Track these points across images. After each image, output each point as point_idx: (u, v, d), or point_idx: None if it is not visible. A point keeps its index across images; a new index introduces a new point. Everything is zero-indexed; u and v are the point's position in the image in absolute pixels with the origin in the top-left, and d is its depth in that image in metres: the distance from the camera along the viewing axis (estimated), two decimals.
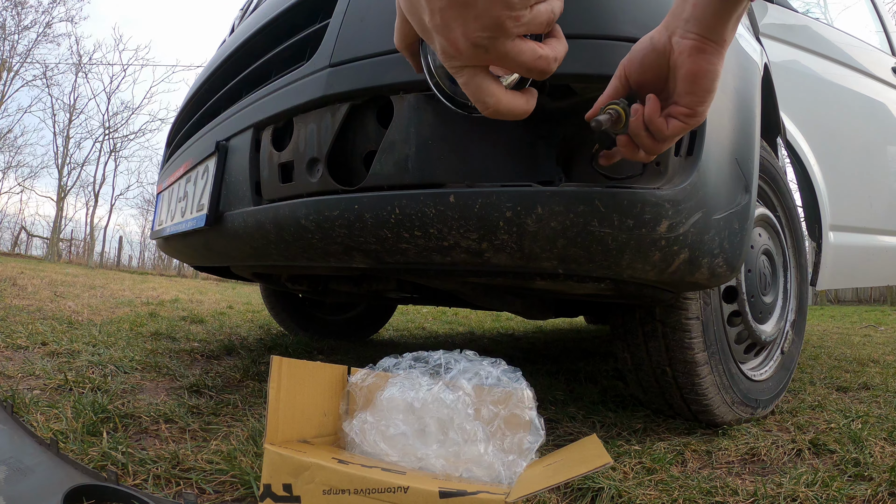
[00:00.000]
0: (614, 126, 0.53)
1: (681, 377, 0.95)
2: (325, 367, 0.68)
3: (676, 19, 0.51)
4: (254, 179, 0.90)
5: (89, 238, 17.59)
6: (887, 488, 0.72)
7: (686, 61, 0.50)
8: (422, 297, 1.40)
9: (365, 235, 0.73)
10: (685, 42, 0.50)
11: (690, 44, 0.49)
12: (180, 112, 1.44)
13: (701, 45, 0.49)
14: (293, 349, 1.76)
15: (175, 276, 12.33)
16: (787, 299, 1.27)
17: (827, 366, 1.90)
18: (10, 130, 16.85)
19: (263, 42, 1.01)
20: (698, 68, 0.50)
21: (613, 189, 0.64)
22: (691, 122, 0.52)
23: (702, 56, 0.50)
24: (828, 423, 1.05)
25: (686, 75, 0.50)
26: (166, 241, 1.33)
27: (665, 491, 0.70)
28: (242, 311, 3.20)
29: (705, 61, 0.50)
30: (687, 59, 0.50)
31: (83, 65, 17.25)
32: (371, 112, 0.75)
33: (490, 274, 0.84)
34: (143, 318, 2.33)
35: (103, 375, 1.20)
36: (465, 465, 0.59)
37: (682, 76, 0.51)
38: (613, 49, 0.65)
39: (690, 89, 0.51)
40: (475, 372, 0.69)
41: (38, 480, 0.60)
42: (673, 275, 0.71)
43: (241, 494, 0.66)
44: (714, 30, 0.49)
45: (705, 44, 0.49)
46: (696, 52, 0.49)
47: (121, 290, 4.21)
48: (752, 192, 0.79)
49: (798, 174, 1.56)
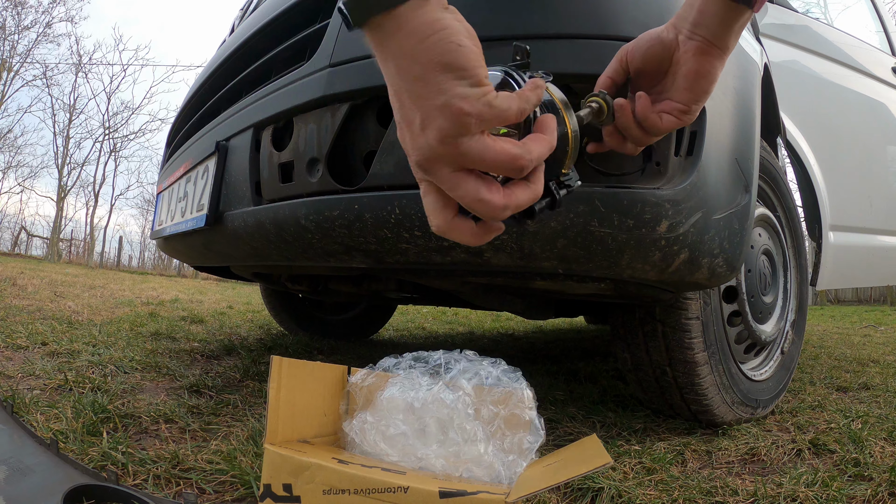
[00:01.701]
0: (597, 117, 0.54)
1: (681, 377, 0.95)
2: (325, 367, 0.68)
3: (683, 21, 0.53)
4: (254, 179, 0.90)
5: (89, 238, 17.61)
6: (887, 488, 0.72)
7: (690, 60, 0.52)
8: (422, 297, 1.40)
9: (365, 235, 0.73)
10: (691, 42, 0.52)
11: (696, 45, 0.52)
12: (180, 112, 1.44)
13: (706, 47, 0.52)
14: (293, 349, 1.76)
15: (175, 276, 12.33)
16: (787, 299, 1.27)
17: (827, 366, 1.90)
18: (10, 130, 16.89)
19: (263, 42, 1.00)
20: (700, 68, 0.52)
21: (613, 189, 0.64)
22: (685, 118, 0.54)
23: (705, 58, 0.52)
24: (828, 423, 1.05)
25: (688, 73, 0.52)
26: (166, 241, 1.33)
27: (665, 491, 0.70)
28: (242, 311, 3.20)
29: (708, 63, 0.52)
30: (691, 58, 0.52)
31: (83, 65, 17.28)
32: (371, 112, 0.75)
33: (490, 274, 0.84)
34: (143, 318, 2.33)
35: (103, 375, 1.20)
36: (465, 465, 0.59)
37: (683, 73, 0.53)
38: (614, 49, 0.64)
39: (690, 87, 0.53)
40: (475, 372, 0.69)
41: (38, 480, 0.60)
42: (673, 275, 0.71)
43: (241, 494, 0.66)
44: (719, 36, 0.51)
45: (710, 47, 0.52)
46: (701, 53, 0.52)
47: (121, 290, 4.21)
48: (752, 192, 0.79)
49: (798, 174, 1.56)
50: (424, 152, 0.40)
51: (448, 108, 0.39)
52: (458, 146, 0.39)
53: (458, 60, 0.39)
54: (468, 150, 0.39)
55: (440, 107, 0.39)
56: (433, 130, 0.39)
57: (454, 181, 0.41)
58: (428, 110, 0.39)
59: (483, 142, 0.39)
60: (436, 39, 0.38)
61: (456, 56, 0.39)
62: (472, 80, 0.39)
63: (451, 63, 0.39)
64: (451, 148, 0.39)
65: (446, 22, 0.39)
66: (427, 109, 0.39)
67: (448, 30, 0.39)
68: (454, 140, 0.39)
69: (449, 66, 0.39)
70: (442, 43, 0.38)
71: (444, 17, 0.39)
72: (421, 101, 0.39)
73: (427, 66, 0.39)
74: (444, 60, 0.39)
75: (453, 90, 0.39)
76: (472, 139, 0.39)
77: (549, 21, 0.67)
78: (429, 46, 0.39)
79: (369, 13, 0.39)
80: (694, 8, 0.52)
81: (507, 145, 0.40)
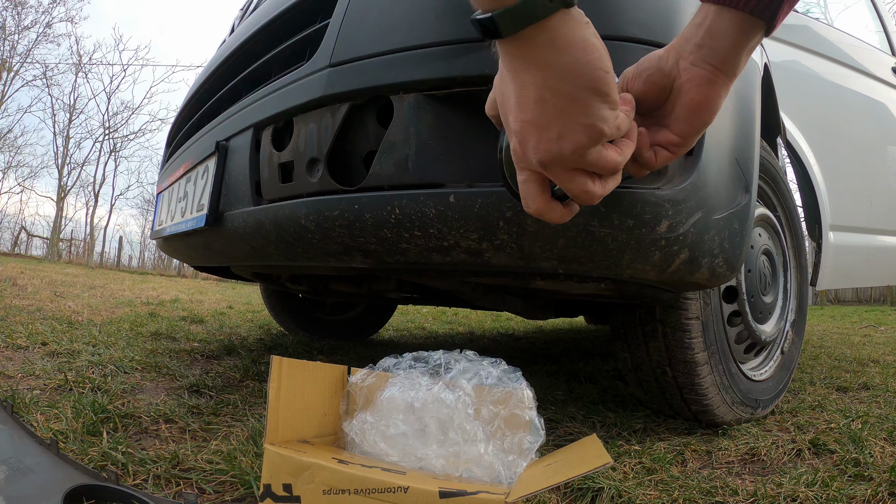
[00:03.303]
0: None
1: (681, 377, 0.95)
2: (325, 367, 0.68)
3: (687, 43, 0.49)
4: (254, 179, 0.90)
5: (89, 238, 17.61)
6: (887, 488, 0.72)
7: (692, 90, 0.49)
8: (422, 297, 1.40)
9: (365, 235, 0.73)
10: (695, 70, 0.48)
11: (700, 73, 0.48)
12: (180, 112, 1.44)
13: (712, 76, 0.48)
14: (293, 349, 1.76)
15: (175, 276, 12.33)
16: (787, 299, 1.27)
17: (827, 366, 1.90)
18: (10, 130, 16.88)
19: (263, 42, 1.01)
20: (703, 98, 0.49)
21: (613, 189, 0.64)
22: (679, 151, 0.52)
23: (710, 87, 0.49)
24: (828, 423, 1.05)
25: (689, 103, 0.49)
26: (166, 241, 1.33)
27: (665, 491, 0.70)
28: (242, 311, 3.20)
29: (713, 93, 0.49)
30: (694, 88, 0.49)
31: (83, 65, 17.28)
32: (371, 112, 0.75)
33: (490, 274, 0.84)
34: (143, 318, 2.33)
35: (103, 375, 1.20)
36: (465, 465, 0.59)
37: (684, 103, 0.50)
38: (615, 49, 0.64)
39: (689, 118, 0.50)
40: (475, 372, 0.69)
41: (38, 480, 0.60)
42: (673, 275, 0.71)
43: (241, 494, 0.66)
44: (727, 61, 0.48)
45: (716, 75, 0.48)
46: (706, 82, 0.48)
47: (121, 290, 4.21)
48: (752, 192, 0.79)
49: (798, 174, 1.56)
50: (553, 155, 0.45)
51: (592, 128, 0.44)
52: (586, 156, 0.45)
53: (604, 87, 0.43)
54: (591, 159, 0.46)
55: (584, 125, 0.44)
56: (570, 142, 0.44)
57: (569, 176, 0.47)
58: (569, 124, 0.44)
59: (602, 153, 0.46)
60: (588, 62, 0.42)
61: (604, 82, 0.43)
62: (613, 104, 0.44)
63: (600, 89, 0.43)
64: (579, 156, 0.45)
65: (595, 43, 0.43)
66: (569, 123, 0.44)
67: (597, 53, 0.43)
68: (585, 150, 0.45)
69: (598, 91, 0.43)
70: (593, 69, 0.43)
71: (591, 37, 0.43)
72: (564, 115, 0.44)
73: (579, 87, 0.43)
74: (595, 86, 0.43)
75: (598, 113, 0.44)
76: (595, 150, 0.45)
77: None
78: (582, 69, 0.43)
79: (520, 24, 0.41)
80: (702, 27, 0.48)
81: (615, 154, 0.47)
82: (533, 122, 0.45)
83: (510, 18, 0.41)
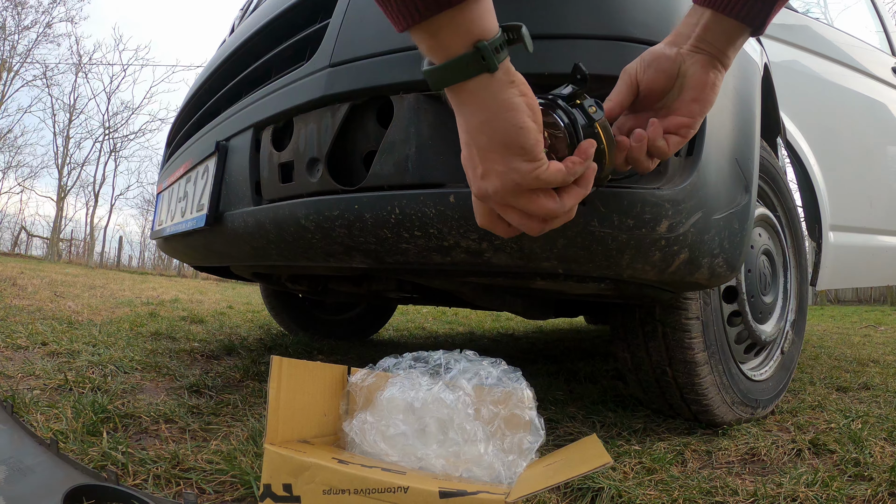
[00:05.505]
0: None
1: (681, 377, 0.95)
2: (325, 367, 0.68)
3: (686, 37, 0.55)
4: (254, 179, 0.90)
5: (89, 238, 17.61)
6: (887, 488, 0.72)
7: (699, 71, 0.54)
8: (422, 297, 1.40)
9: (365, 235, 0.73)
10: (697, 55, 0.54)
11: (702, 57, 0.54)
12: (180, 112, 1.44)
13: (711, 60, 0.54)
14: (293, 349, 1.76)
15: (175, 276, 12.33)
16: (787, 299, 1.27)
17: (827, 366, 1.90)
18: (10, 130, 16.88)
19: (263, 42, 1.01)
20: (708, 79, 0.54)
21: (613, 189, 0.64)
22: (689, 134, 0.56)
23: (712, 70, 0.54)
24: (828, 423, 1.05)
25: (697, 84, 0.54)
26: (166, 241, 1.33)
27: (665, 491, 0.70)
28: (242, 311, 3.20)
29: (714, 75, 0.55)
30: (699, 70, 0.54)
31: (83, 65, 17.27)
32: (371, 112, 0.75)
33: (490, 274, 0.84)
34: (143, 318, 2.33)
35: (103, 375, 1.20)
36: (465, 465, 0.59)
37: (692, 84, 0.55)
38: (616, 49, 0.65)
39: (698, 97, 0.55)
40: (475, 372, 0.69)
41: (38, 480, 0.60)
42: (673, 275, 0.71)
43: (241, 494, 0.66)
44: (722, 51, 0.54)
45: (714, 60, 0.54)
46: (707, 64, 0.54)
47: (121, 290, 4.21)
48: (752, 192, 0.79)
49: (798, 174, 1.56)
50: (482, 192, 0.51)
51: (505, 177, 0.48)
52: (508, 200, 0.50)
53: (517, 141, 0.47)
54: (516, 203, 0.50)
55: (499, 173, 0.48)
56: (490, 184, 0.49)
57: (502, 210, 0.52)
58: (489, 170, 0.49)
59: (531, 198, 0.49)
60: (501, 121, 0.46)
61: (516, 137, 0.47)
62: (528, 157, 0.47)
63: (511, 144, 0.47)
64: (502, 198, 0.50)
65: (512, 102, 0.46)
66: (488, 169, 0.49)
67: (512, 112, 0.46)
68: (505, 195, 0.49)
69: (510, 146, 0.47)
70: (506, 126, 0.46)
71: (511, 97, 0.46)
72: (485, 161, 0.49)
73: (493, 141, 0.47)
74: (507, 141, 0.47)
75: (511, 164, 0.47)
76: (521, 196, 0.49)
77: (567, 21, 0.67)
78: (495, 127, 0.47)
79: (444, 83, 0.47)
80: (698, 26, 0.54)
81: (547, 201, 0.50)
82: (465, 158, 0.51)
83: (436, 76, 0.46)
